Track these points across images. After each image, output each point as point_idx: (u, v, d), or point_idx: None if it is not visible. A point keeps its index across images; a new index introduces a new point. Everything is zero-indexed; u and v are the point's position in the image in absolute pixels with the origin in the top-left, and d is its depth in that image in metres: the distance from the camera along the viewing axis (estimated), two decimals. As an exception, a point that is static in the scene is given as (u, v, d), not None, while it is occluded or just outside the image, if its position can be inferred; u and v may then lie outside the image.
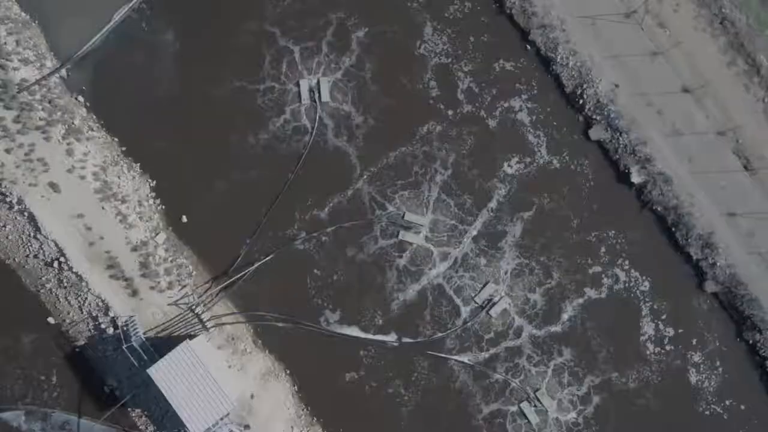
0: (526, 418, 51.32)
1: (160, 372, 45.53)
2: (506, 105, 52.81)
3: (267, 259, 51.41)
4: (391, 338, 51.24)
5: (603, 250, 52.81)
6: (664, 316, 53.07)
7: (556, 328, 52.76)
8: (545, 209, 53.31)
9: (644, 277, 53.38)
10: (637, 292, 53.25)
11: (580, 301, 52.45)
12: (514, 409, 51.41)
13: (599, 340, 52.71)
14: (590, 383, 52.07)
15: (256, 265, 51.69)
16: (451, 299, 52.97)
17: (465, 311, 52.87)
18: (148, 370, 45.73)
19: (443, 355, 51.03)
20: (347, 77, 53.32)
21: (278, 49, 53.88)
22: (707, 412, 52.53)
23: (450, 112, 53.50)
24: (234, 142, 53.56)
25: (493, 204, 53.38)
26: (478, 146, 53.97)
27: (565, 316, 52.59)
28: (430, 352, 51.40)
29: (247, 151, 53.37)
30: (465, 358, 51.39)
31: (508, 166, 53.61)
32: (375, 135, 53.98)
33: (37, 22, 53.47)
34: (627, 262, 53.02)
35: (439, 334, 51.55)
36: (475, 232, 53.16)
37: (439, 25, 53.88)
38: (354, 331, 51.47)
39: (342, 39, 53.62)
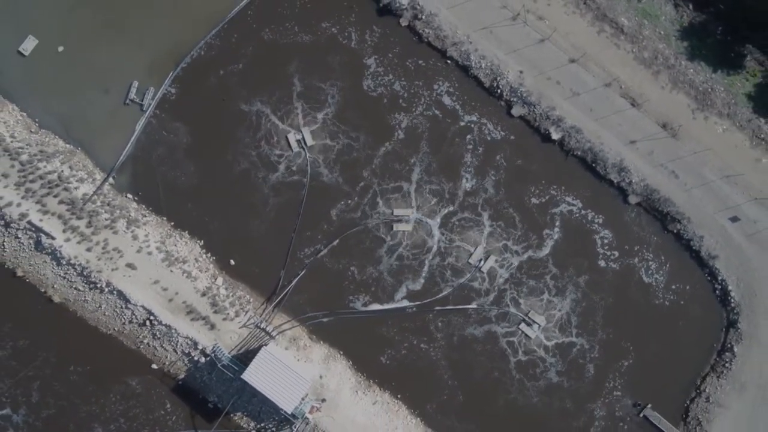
0: (526, 334, 63.66)
1: (251, 374, 56.92)
2: (450, 112, 65.12)
3: (302, 274, 62.23)
4: (406, 304, 62.77)
5: (552, 192, 64.07)
6: (608, 232, 63.81)
7: (533, 263, 63.57)
8: (500, 174, 63.89)
9: (586, 206, 64.01)
10: (585, 218, 64.07)
11: (547, 233, 63.75)
12: (515, 330, 63.13)
13: (567, 264, 63.64)
14: (566, 298, 63.42)
15: (294, 281, 62.16)
16: (448, 266, 63.53)
17: (462, 272, 63.53)
18: (242, 376, 56.88)
19: (450, 307, 62.93)
20: (323, 123, 64.31)
21: (263, 120, 63.98)
22: (666, 302, 63.53)
23: (405, 119, 64.44)
24: (251, 197, 62.95)
25: (461, 181, 63.95)
26: (435, 138, 64.37)
27: (537, 252, 63.62)
28: (438, 308, 63.18)
29: (264, 200, 62.83)
30: (468, 305, 63.11)
31: (463, 148, 64.21)
32: (355, 157, 63.82)
33: (79, 148, 62.62)
34: (571, 197, 63.97)
35: (444, 293, 62.83)
36: (453, 209, 63.91)
37: (379, 61, 64.81)
38: (378, 308, 62.64)
39: (309, 96, 64.35)
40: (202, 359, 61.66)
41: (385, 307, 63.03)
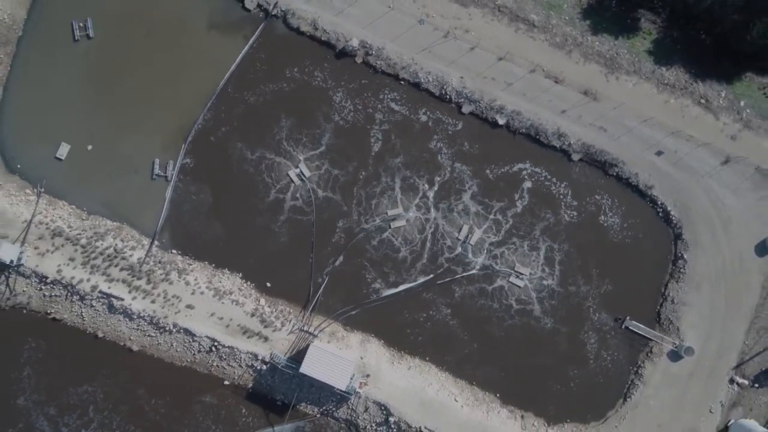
0: (517, 285, 76.73)
1: (307, 367, 69.04)
2: (413, 117, 77.62)
3: (326, 281, 74.35)
4: (415, 283, 74.72)
5: (511, 165, 76.05)
6: (564, 188, 76.08)
7: (511, 227, 75.62)
8: (466, 160, 75.53)
9: (542, 171, 76.20)
10: (543, 182, 76.08)
11: (517, 200, 75.68)
12: (507, 283, 76.21)
13: (538, 222, 75.78)
14: (543, 248, 75.78)
15: (321, 288, 73.61)
16: (443, 245, 75.22)
17: (455, 248, 75.41)
18: (300, 370, 69.01)
19: (449, 278, 75.20)
20: (314, 154, 76.40)
21: (265, 164, 75.34)
22: (628, 240, 75.05)
23: (378, 132, 76.14)
24: (271, 229, 74.05)
25: (438, 175, 75.29)
26: (407, 143, 75.50)
27: (513, 217, 75.83)
28: (441, 281, 75.89)
29: (281, 229, 74.18)
30: (465, 273, 75.31)
31: (431, 146, 75.99)
32: (347, 177, 75.10)
33: (125, 223, 73.72)
34: (527, 166, 75.97)
35: (444, 267, 75.03)
36: (436, 198, 75.06)
37: (344, 94, 76.72)
38: (392, 291, 74.39)
39: (297, 135, 76.32)
40: (264, 367, 73.67)
41: (399, 289, 75.72)
